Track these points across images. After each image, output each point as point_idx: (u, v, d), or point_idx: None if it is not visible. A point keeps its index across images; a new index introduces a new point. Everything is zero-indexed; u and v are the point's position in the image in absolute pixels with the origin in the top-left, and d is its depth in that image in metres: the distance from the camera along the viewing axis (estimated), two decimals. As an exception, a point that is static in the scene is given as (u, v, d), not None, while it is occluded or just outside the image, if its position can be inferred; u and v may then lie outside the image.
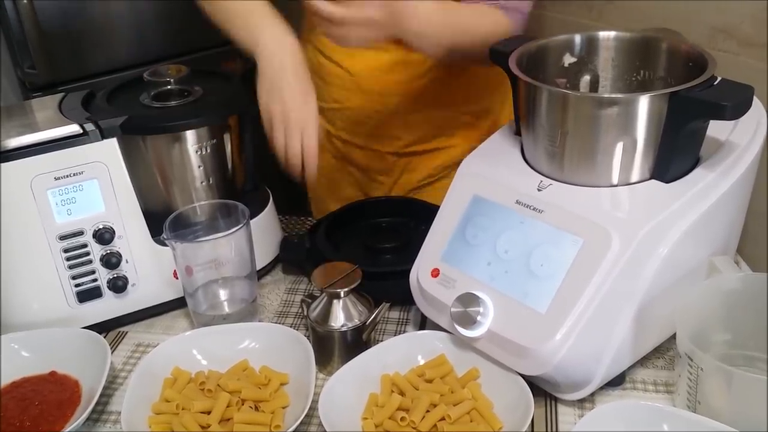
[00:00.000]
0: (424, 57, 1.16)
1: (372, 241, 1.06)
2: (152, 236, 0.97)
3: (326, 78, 1.17)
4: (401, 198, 1.25)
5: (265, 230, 1.07)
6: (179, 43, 1.96)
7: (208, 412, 0.80)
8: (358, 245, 1.02)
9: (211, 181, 1.02)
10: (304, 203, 1.43)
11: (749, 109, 0.75)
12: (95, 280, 0.95)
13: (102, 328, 0.96)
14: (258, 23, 0.94)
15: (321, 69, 1.16)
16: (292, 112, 0.92)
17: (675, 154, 0.79)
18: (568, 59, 0.92)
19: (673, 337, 0.78)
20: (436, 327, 0.87)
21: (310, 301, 0.91)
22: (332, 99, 1.19)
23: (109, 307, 0.97)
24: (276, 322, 0.98)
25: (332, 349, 0.88)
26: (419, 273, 0.88)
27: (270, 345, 0.88)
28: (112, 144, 0.93)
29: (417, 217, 1.09)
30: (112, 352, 0.89)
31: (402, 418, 0.78)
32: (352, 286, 0.87)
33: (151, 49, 1.93)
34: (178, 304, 1.00)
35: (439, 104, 1.23)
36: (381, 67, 1.17)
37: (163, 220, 0.92)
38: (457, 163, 1.25)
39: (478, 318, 0.79)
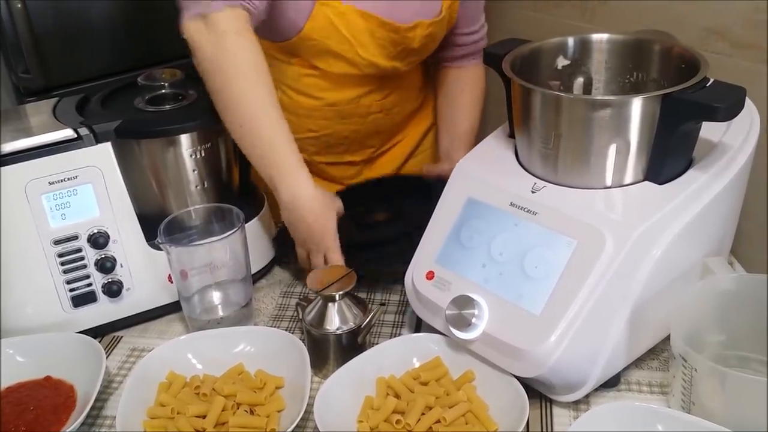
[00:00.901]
0: (400, 71, 1.21)
1: (363, 218, 1.06)
2: (147, 240, 0.97)
3: (301, 112, 1.20)
4: (387, 176, 1.26)
5: (259, 234, 1.07)
6: (172, 48, 1.95)
7: (204, 416, 0.80)
8: (349, 225, 1.02)
9: (205, 185, 1.02)
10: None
11: (742, 110, 0.75)
12: (90, 284, 0.95)
13: (97, 332, 0.96)
14: (278, 174, 0.97)
15: (296, 106, 1.19)
16: (312, 245, 0.99)
17: (668, 156, 0.80)
18: (562, 62, 0.92)
19: (668, 338, 0.78)
20: (432, 329, 0.87)
21: (305, 304, 0.91)
22: (307, 129, 1.22)
23: (103, 311, 0.97)
24: (271, 326, 0.98)
25: (327, 352, 0.88)
26: (414, 275, 0.88)
27: (265, 348, 0.88)
28: (106, 148, 0.93)
29: (407, 190, 1.11)
30: (107, 357, 0.88)
31: (397, 421, 0.78)
32: (347, 289, 0.87)
33: (145, 54, 1.93)
34: (173, 308, 1.00)
35: (406, 104, 1.30)
36: (362, 93, 1.20)
37: (157, 224, 0.91)
38: (412, 151, 1.36)
39: (473, 320, 0.79)
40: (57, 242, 0.92)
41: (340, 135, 1.24)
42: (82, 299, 0.95)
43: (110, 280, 0.95)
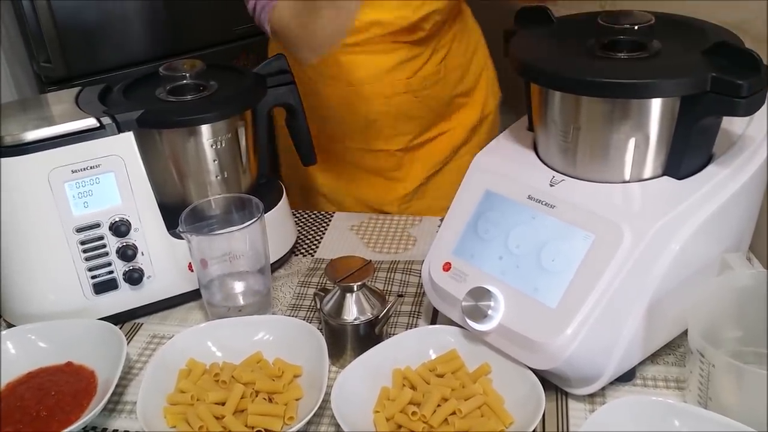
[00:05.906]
0: (425, 49, 1.19)
1: None
2: (168, 229, 0.98)
3: (325, 100, 1.20)
4: None
5: (278, 224, 1.08)
6: (192, 39, 1.97)
7: (223, 403, 0.81)
8: None
9: (225, 175, 1.03)
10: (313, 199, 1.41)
11: (763, 105, 0.75)
12: (111, 272, 0.96)
13: (117, 319, 0.97)
14: None
15: (317, 96, 1.19)
16: None
17: (688, 151, 0.79)
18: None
19: (684, 333, 0.78)
20: (448, 321, 0.88)
21: (323, 294, 0.92)
22: (335, 115, 1.22)
23: (124, 298, 0.98)
24: (289, 315, 0.99)
25: (345, 343, 0.89)
26: (431, 266, 0.88)
27: (283, 337, 0.89)
28: (128, 138, 0.94)
29: None
30: (127, 344, 0.90)
31: (413, 413, 0.78)
32: (365, 280, 0.87)
33: (165, 45, 1.94)
34: (193, 296, 1.01)
35: (437, 91, 1.27)
36: (384, 70, 1.19)
37: (178, 213, 0.92)
38: (460, 145, 1.31)
39: (489, 312, 0.80)
40: (79, 230, 0.93)
41: (368, 117, 1.22)
42: (104, 286, 0.96)
43: (131, 267, 0.97)
